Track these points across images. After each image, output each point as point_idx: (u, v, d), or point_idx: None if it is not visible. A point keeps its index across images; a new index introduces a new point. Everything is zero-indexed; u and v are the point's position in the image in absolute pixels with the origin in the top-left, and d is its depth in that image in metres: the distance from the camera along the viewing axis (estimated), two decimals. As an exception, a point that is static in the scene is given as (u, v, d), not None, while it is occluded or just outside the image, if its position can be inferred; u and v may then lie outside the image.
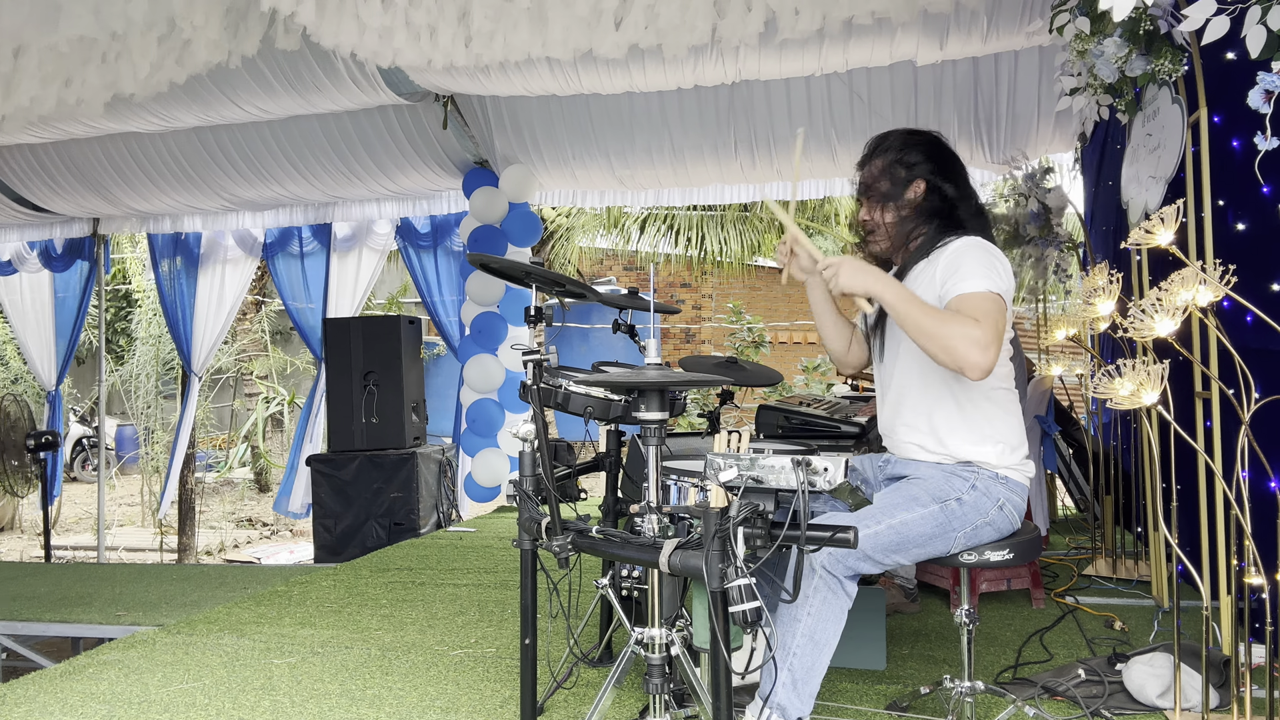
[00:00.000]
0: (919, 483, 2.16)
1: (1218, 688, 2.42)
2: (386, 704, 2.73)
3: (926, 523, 2.08)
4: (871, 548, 2.03)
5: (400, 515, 5.96)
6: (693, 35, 3.70)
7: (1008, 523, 2.16)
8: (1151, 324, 2.24)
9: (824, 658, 2.01)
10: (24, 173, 6.80)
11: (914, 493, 2.13)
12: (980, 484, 2.13)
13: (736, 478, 1.73)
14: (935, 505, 2.09)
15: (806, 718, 2.01)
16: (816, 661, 2.00)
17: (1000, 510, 2.14)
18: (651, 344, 2.06)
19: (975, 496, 2.12)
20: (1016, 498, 2.17)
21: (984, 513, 2.12)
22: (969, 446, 2.16)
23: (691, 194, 6.62)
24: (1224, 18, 2.33)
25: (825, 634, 2.01)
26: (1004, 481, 2.15)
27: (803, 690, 2.00)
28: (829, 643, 2.02)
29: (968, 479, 2.14)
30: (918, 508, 2.09)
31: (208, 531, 10.98)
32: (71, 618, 4.39)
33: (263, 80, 5.18)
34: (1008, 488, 2.15)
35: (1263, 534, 2.38)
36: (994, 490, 2.13)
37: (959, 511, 2.10)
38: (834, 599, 2.01)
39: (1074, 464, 5.17)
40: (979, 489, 2.13)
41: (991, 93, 5.33)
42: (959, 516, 2.10)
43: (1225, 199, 2.75)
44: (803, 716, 2.00)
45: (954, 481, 2.14)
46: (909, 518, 2.07)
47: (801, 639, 1.99)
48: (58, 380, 8.26)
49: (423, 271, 7.17)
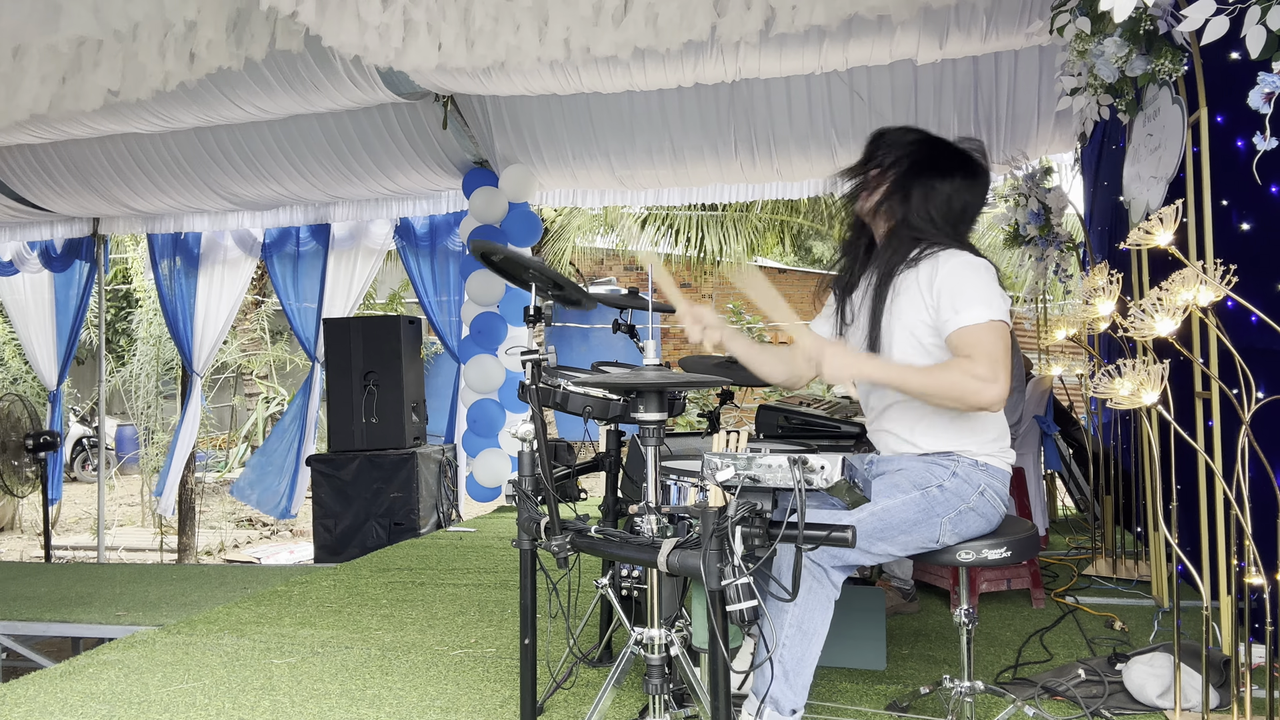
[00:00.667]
0: (901, 473, 2.21)
1: (1218, 688, 2.42)
2: (386, 704, 2.73)
3: (908, 509, 2.11)
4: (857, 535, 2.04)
5: (400, 515, 5.96)
6: (692, 33, 3.70)
7: (991, 509, 2.19)
8: (1151, 324, 2.24)
9: (814, 648, 2.03)
10: (24, 172, 6.80)
11: (896, 480, 2.18)
12: (961, 471, 2.17)
13: (733, 477, 1.73)
14: (916, 492, 2.13)
15: (801, 709, 2.02)
16: (806, 652, 2.02)
17: (982, 496, 2.17)
18: (650, 345, 2.06)
19: (956, 483, 2.15)
20: (998, 483, 2.20)
21: (965, 498, 2.15)
22: (949, 438, 2.20)
23: (691, 194, 6.61)
24: (1224, 18, 2.33)
25: (813, 623, 2.03)
26: (984, 468, 2.19)
27: (795, 682, 2.01)
28: (818, 632, 2.03)
29: (948, 467, 2.17)
30: (899, 494, 2.13)
31: (208, 531, 10.99)
32: (71, 618, 4.39)
33: (262, 80, 5.18)
34: (988, 474, 2.19)
35: (1263, 534, 2.38)
36: (975, 477, 2.17)
37: (940, 498, 2.13)
38: (820, 589, 2.04)
39: (1074, 464, 5.17)
40: (959, 475, 2.16)
41: (991, 93, 5.33)
42: (940, 502, 2.13)
43: (1230, 199, 2.75)
44: (797, 708, 2.02)
45: (934, 470, 2.18)
46: (890, 504, 2.10)
47: (790, 629, 2.01)
48: (59, 380, 8.26)
49: (419, 272, 7.17)
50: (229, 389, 13.31)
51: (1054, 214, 4.65)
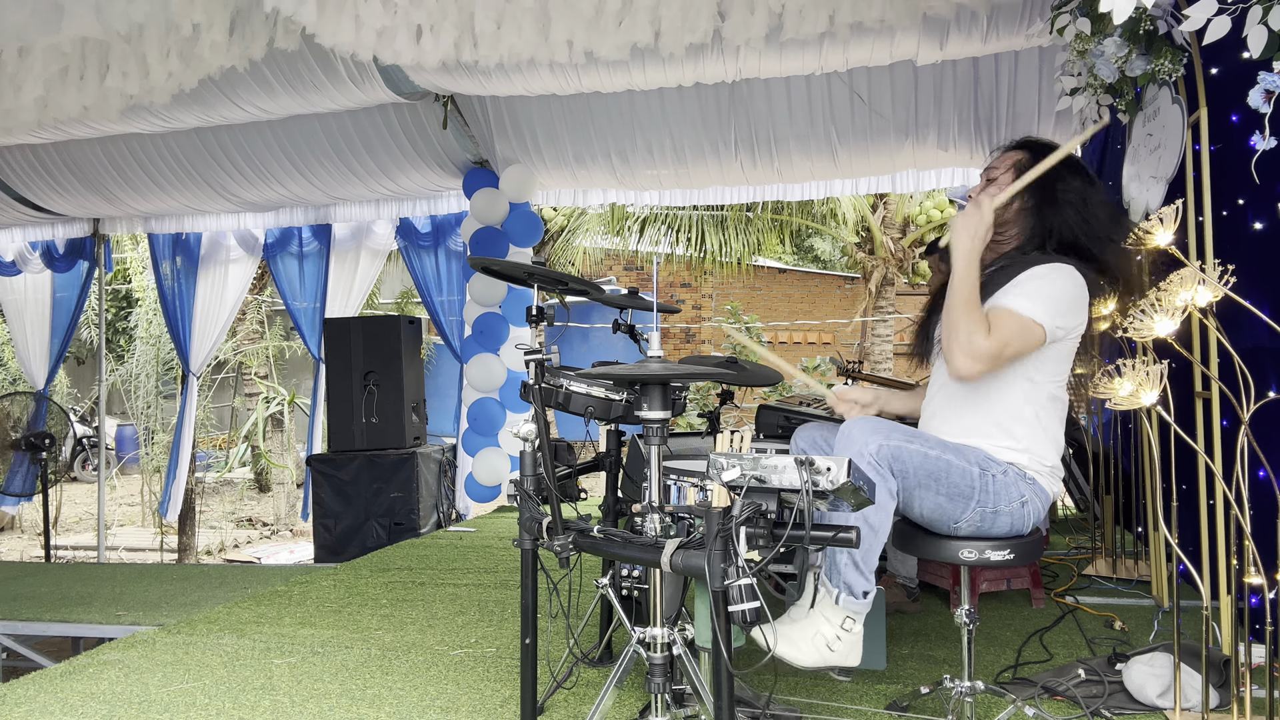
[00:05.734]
0: (967, 450, 2.25)
1: (1218, 688, 2.42)
2: (386, 704, 2.73)
3: (964, 477, 2.18)
4: (916, 467, 2.14)
5: (400, 515, 5.96)
6: (694, 35, 3.70)
7: (1022, 521, 2.24)
8: (1151, 324, 2.24)
9: (879, 541, 2.15)
10: (25, 172, 6.80)
11: (963, 449, 2.23)
12: (1011, 475, 2.23)
13: (740, 477, 1.73)
14: (976, 469, 2.20)
15: (873, 590, 2.15)
16: (873, 544, 2.14)
17: (1022, 507, 2.22)
18: (654, 336, 2.07)
19: (1005, 483, 2.21)
20: (1039, 502, 2.26)
21: (1009, 499, 2.20)
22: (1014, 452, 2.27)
23: (692, 194, 6.61)
24: (1225, 18, 2.33)
25: (878, 519, 2.13)
26: (1031, 483, 2.25)
27: (864, 569, 2.14)
28: (883, 527, 2.15)
29: (1003, 467, 2.24)
30: (962, 461, 2.20)
31: (208, 531, 11.00)
32: (71, 618, 4.39)
33: (262, 80, 5.18)
34: (1034, 489, 2.25)
35: (1263, 534, 2.38)
36: (1022, 488, 2.23)
37: (991, 486, 2.19)
38: (881, 484, 2.12)
39: (1074, 464, 5.17)
40: (1009, 477, 2.23)
41: (991, 93, 5.33)
42: (988, 491, 2.19)
43: (1245, 198, 2.75)
44: (868, 590, 2.14)
45: (992, 464, 2.24)
46: (955, 461, 2.18)
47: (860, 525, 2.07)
48: (47, 380, 8.22)
49: (423, 272, 7.17)
50: (229, 388, 13.31)
51: (1054, 214, 4.65)
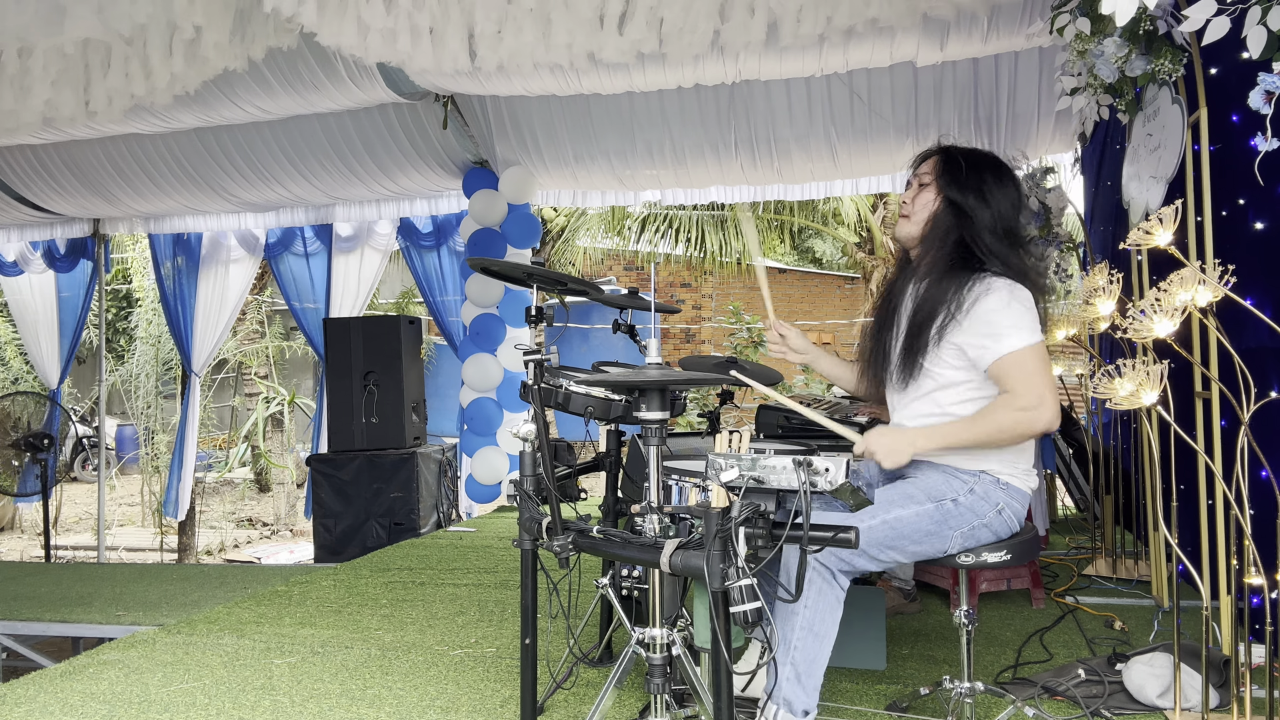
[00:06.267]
0: (916, 481, 2.18)
1: (1218, 688, 2.42)
2: (386, 704, 2.73)
3: (921, 520, 2.09)
4: (866, 543, 2.05)
5: (400, 515, 5.96)
6: (695, 38, 3.69)
7: (1005, 527, 2.17)
8: (1151, 324, 2.24)
9: (824, 650, 2.04)
10: (25, 173, 6.80)
11: (910, 490, 2.15)
12: (979, 488, 2.14)
13: (738, 478, 1.73)
14: (931, 504, 2.11)
15: (814, 710, 2.03)
16: (818, 654, 2.03)
17: (999, 515, 2.15)
18: (652, 343, 2.06)
19: (973, 500, 2.13)
20: (1017, 504, 2.18)
21: (981, 515, 2.13)
22: (973, 456, 2.17)
23: (692, 194, 6.62)
24: (1224, 18, 2.33)
25: (823, 626, 2.04)
26: (1005, 488, 2.16)
27: (806, 683, 2.02)
28: (828, 634, 2.04)
29: (967, 482, 2.15)
30: (913, 505, 2.10)
31: (208, 531, 11.00)
32: (71, 618, 4.39)
33: (262, 80, 5.18)
34: (1008, 494, 2.16)
35: (1263, 534, 2.38)
36: (994, 495, 2.15)
37: (954, 511, 2.11)
38: (829, 590, 2.04)
39: (1074, 464, 5.17)
40: (977, 493, 2.14)
41: (991, 93, 5.34)
42: (954, 516, 2.11)
43: (1246, 198, 2.75)
44: (809, 709, 2.02)
45: (952, 483, 2.15)
46: (904, 514, 2.09)
47: (800, 632, 2.02)
48: (60, 379, 8.26)
49: (425, 271, 7.17)
50: (229, 388, 13.31)
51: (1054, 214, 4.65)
